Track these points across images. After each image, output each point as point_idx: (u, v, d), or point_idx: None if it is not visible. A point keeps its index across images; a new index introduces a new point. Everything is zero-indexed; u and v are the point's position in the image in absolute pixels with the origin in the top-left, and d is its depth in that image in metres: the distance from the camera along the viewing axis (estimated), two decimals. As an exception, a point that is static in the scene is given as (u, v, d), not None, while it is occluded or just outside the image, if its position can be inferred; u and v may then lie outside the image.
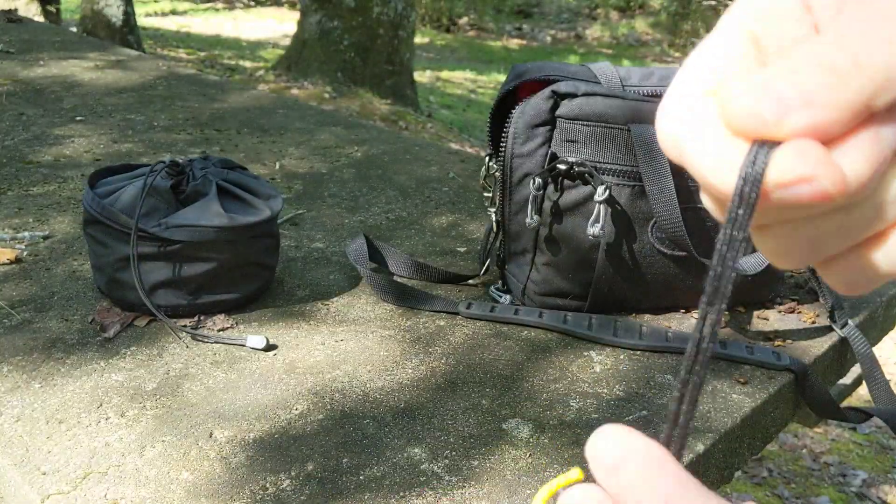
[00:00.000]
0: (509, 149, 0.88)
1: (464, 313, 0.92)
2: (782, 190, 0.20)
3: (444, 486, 0.65)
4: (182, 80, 2.10)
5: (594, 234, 0.84)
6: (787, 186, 0.20)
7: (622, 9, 11.79)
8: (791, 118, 0.20)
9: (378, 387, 0.79)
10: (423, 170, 1.46)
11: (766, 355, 0.84)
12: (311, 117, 1.80)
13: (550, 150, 0.87)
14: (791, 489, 1.98)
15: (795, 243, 0.23)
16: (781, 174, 0.20)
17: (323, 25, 5.29)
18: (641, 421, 0.74)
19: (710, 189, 0.22)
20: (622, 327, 0.88)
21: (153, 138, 1.57)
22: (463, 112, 5.84)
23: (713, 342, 0.23)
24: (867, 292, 0.24)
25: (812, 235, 0.22)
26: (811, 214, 0.22)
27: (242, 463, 0.67)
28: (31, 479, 0.65)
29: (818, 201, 0.20)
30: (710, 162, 0.22)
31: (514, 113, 0.88)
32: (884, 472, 2.07)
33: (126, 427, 0.71)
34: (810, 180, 0.20)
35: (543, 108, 0.86)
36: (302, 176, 1.40)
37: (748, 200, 0.21)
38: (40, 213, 1.18)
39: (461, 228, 1.20)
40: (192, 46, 6.75)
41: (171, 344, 0.85)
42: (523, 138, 0.87)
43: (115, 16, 5.52)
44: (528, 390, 0.79)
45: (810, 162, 0.20)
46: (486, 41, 10.19)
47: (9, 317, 0.90)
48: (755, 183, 0.20)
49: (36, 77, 2.03)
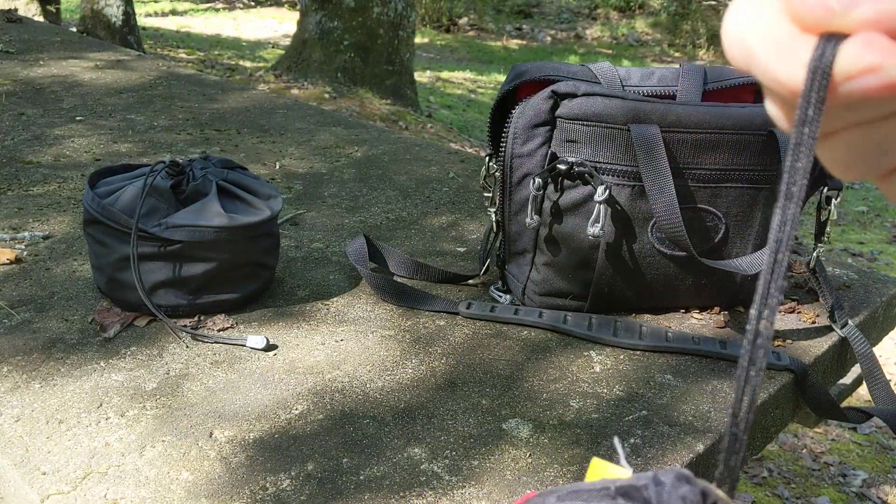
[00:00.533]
0: (509, 149, 0.88)
1: (464, 313, 0.92)
2: (850, 82, 0.20)
3: (444, 486, 0.65)
4: (182, 80, 2.10)
5: (594, 234, 0.84)
6: (854, 78, 0.20)
7: (622, 9, 11.79)
8: (858, 8, 0.20)
9: (378, 387, 0.79)
10: (423, 170, 1.46)
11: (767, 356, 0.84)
12: (311, 117, 1.80)
13: (550, 151, 0.87)
14: (791, 489, 1.98)
15: (862, 149, 0.23)
16: (849, 65, 0.20)
17: (323, 25, 5.29)
18: (641, 421, 0.74)
19: (778, 88, 0.22)
20: (622, 327, 0.89)
21: (153, 138, 1.57)
22: (463, 112, 5.84)
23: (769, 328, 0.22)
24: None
25: (880, 140, 0.22)
26: (879, 115, 0.22)
27: (242, 463, 0.67)
28: (31, 479, 0.65)
29: (886, 93, 0.20)
30: (778, 59, 0.21)
31: (514, 113, 0.88)
32: (884, 472, 2.07)
33: (126, 427, 0.71)
34: (878, 70, 0.20)
35: (543, 109, 0.86)
36: (302, 176, 1.40)
37: (817, 95, 0.20)
38: (40, 213, 1.19)
39: (461, 228, 1.20)
40: (192, 46, 6.75)
41: (171, 344, 0.85)
42: (523, 138, 0.87)
43: (115, 16, 5.52)
44: (528, 390, 0.79)
45: (877, 52, 0.20)
46: (486, 41, 10.19)
47: (9, 317, 0.90)
48: (824, 75, 0.20)
49: (36, 77, 2.03)
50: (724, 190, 0.86)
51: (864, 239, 3.87)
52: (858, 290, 1.04)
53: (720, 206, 0.87)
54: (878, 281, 1.07)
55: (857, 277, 1.08)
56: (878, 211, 4.35)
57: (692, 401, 0.78)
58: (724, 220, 0.88)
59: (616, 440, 0.35)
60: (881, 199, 4.57)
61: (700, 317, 0.94)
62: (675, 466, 0.23)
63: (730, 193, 0.87)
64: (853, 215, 4.25)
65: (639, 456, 0.69)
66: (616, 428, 0.73)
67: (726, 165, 0.85)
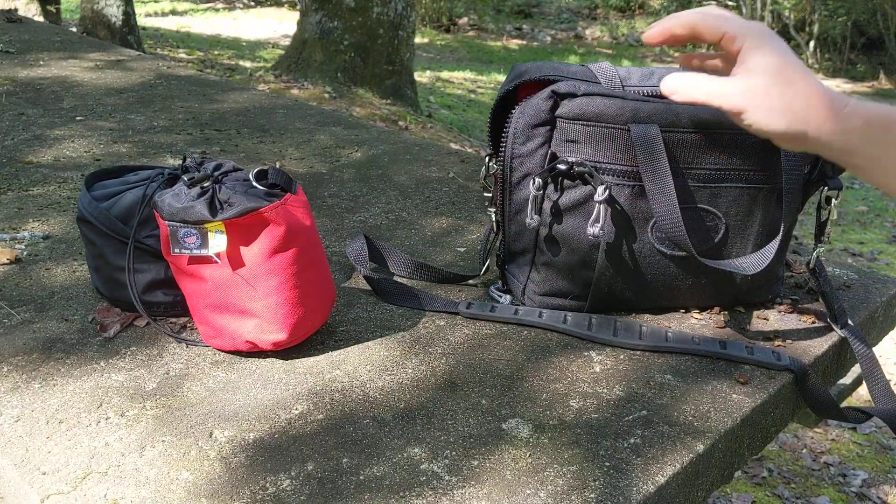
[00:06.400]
0: (509, 149, 0.88)
1: (464, 313, 0.92)
2: None
3: (444, 486, 0.65)
4: (182, 80, 2.10)
5: (594, 234, 0.84)
6: None
7: (622, 9, 11.79)
8: None
9: (378, 387, 0.79)
10: (423, 170, 1.46)
11: (766, 355, 0.84)
12: (311, 117, 1.80)
13: (550, 150, 0.87)
14: (791, 489, 1.98)
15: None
16: None
17: (323, 25, 5.29)
18: (641, 421, 0.74)
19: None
20: (622, 327, 0.89)
21: (153, 139, 1.57)
22: (463, 112, 5.84)
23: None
24: None
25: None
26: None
27: (242, 463, 0.67)
28: (31, 479, 0.65)
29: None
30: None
31: (514, 113, 0.88)
32: (884, 472, 2.07)
33: (126, 427, 0.71)
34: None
35: (543, 108, 0.86)
36: (302, 176, 1.40)
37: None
38: (40, 214, 1.19)
39: (461, 228, 1.20)
40: (191, 46, 6.75)
41: (171, 344, 0.85)
42: (523, 138, 0.87)
43: (115, 16, 5.53)
44: (528, 390, 0.79)
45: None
46: (485, 41, 10.18)
47: (9, 317, 0.90)
48: None
49: (36, 77, 2.03)
50: (723, 190, 0.86)
51: (864, 239, 3.87)
52: (858, 290, 1.04)
53: (720, 206, 0.87)
54: (878, 281, 1.07)
55: (857, 277, 1.08)
56: (878, 211, 4.35)
57: (692, 401, 0.78)
58: (724, 220, 0.88)
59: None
60: (881, 199, 4.57)
61: (700, 317, 0.94)
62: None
63: (730, 193, 0.87)
64: (853, 215, 4.25)
65: (639, 456, 0.69)
66: (616, 428, 0.73)
67: (726, 165, 0.85)
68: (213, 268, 0.78)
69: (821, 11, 9.35)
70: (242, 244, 0.77)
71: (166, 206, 0.78)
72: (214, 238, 0.77)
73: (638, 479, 0.67)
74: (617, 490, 0.65)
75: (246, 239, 0.77)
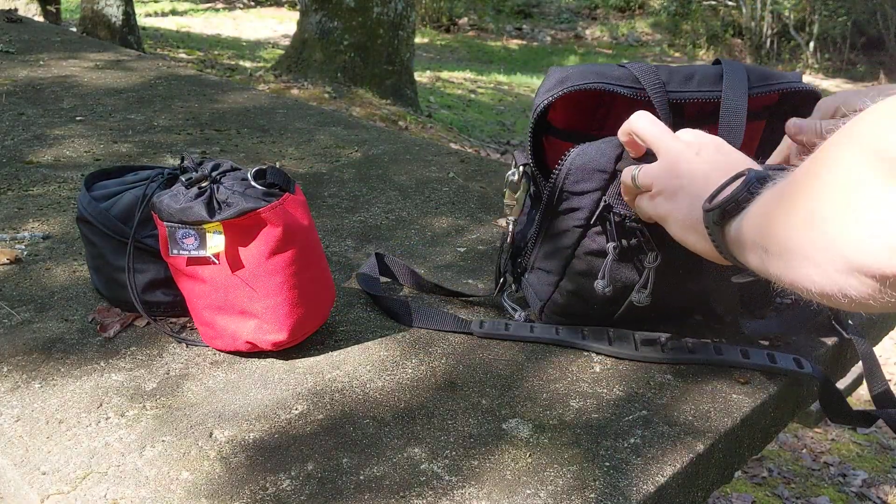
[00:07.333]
0: (560, 181, 0.82)
1: (477, 333, 0.89)
2: None
3: (444, 486, 0.65)
4: (182, 80, 2.10)
5: (638, 301, 0.79)
6: None
7: (622, 9, 11.79)
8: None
9: (378, 387, 0.79)
10: (423, 170, 1.46)
11: (789, 363, 0.83)
12: (311, 117, 1.80)
13: (605, 200, 0.80)
14: (791, 489, 1.98)
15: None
16: None
17: (323, 25, 5.29)
18: (641, 421, 0.74)
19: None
20: (641, 340, 0.86)
21: (153, 138, 1.57)
22: (463, 112, 5.84)
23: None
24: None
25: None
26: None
27: (242, 463, 0.67)
28: (30, 479, 0.65)
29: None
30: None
31: (573, 151, 0.80)
32: (884, 472, 2.07)
33: (126, 427, 0.71)
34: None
35: (609, 156, 0.78)
36: (302, 176, 1.40)
37: None
38: (40, 213, 1.19)
39: (461, 228, 1.20)
40: (191, 46, 6.75)
41: (171, 344, 0.85)
42: (576, 177, 0.80)
43: (115, 16, 5.53)
44: (528, 390, 0.79)
45: None
46: (485, 41, 10.18)
47: (9, 317, 0.90)
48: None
49: (36, 77, 2.03)
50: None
51: (864, 239, 3.86)
52: (858, 290, 1.04)
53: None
54: (878, 281, 1.06)
55: (857, 277, 1.07)
56: (878, 211, 4.34)
57: (692, 401, 0.78)
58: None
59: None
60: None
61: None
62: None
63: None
64: (853, 215, 4.24)
65: (639, 456, 0.69)
66: (616, 428, 0.73)
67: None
68: (211, 269, 0.78)
69: (821, 11, 9.36)
70: (241, 245, 0.77)
71: (164, 206, 0.78)
72: (212, 239, 0.76)
73: (638, 479, 0.67)
74: (617, 490, 0.65)
75: (244, 239, 0.77)
